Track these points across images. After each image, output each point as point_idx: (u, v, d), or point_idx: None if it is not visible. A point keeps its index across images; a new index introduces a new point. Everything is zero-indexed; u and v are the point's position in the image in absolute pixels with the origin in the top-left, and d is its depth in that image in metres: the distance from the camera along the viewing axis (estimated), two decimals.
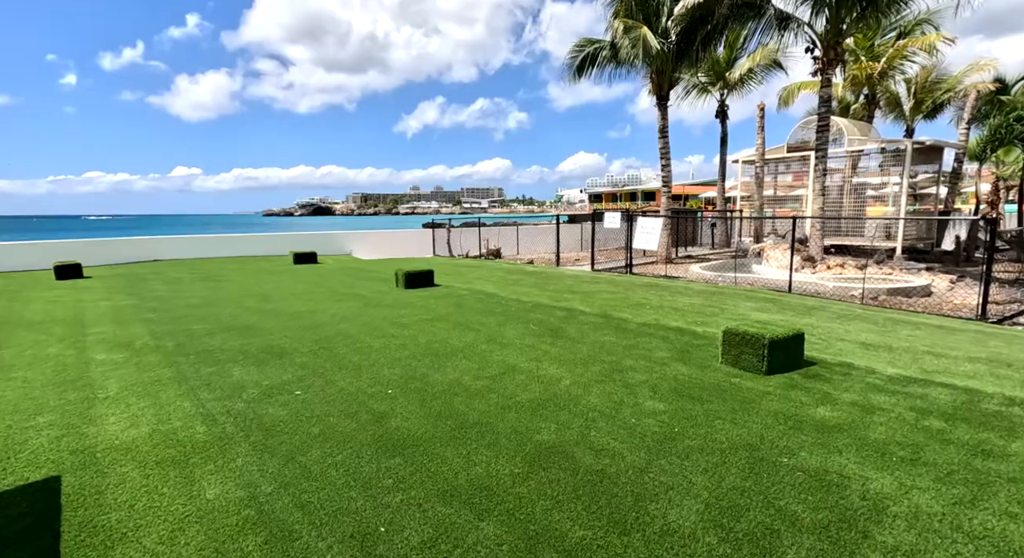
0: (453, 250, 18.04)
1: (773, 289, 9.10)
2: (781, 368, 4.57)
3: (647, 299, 8.33)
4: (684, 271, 11.54)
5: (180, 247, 17.20)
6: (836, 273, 9.92)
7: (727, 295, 8.58)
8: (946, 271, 10.64)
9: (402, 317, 7.22)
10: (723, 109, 17.11)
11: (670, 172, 13.02)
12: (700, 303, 7.89)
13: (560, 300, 8.42)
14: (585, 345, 5.63)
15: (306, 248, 16.77)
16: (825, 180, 10.86)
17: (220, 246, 17.86)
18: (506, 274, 12.20)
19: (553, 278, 11.27)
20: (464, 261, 16.16)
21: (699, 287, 9.57)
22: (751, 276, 10.03)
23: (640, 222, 10.82)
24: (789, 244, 11.02)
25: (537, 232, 21.76)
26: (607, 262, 13.98)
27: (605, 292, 9.14)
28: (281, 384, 4.49)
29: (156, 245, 16.89)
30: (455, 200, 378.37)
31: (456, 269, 13.43)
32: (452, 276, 11.80)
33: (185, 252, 17.12)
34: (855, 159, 15.15)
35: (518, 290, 9.55)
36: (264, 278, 11.83)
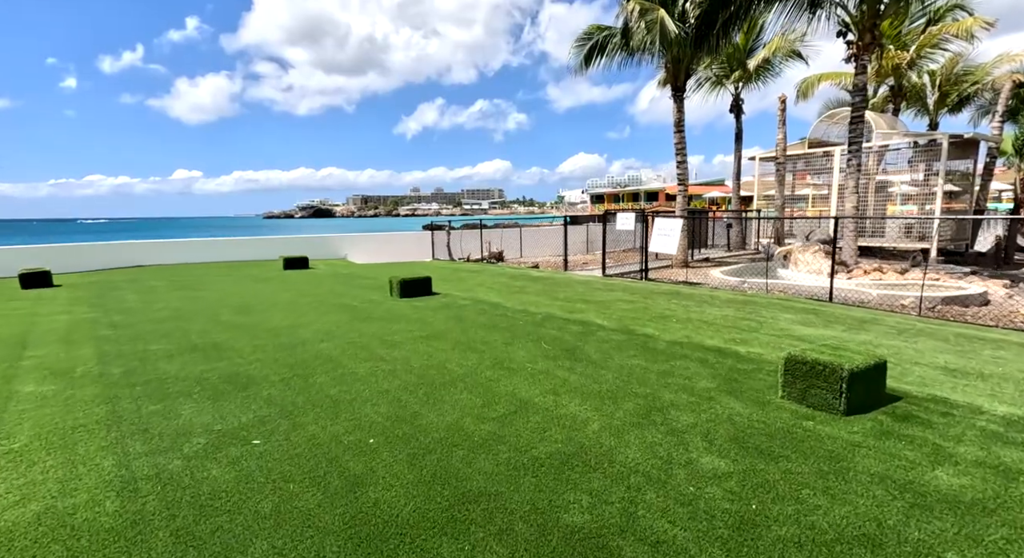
0: (453, 253, 17.14)
1: (810, 297, 8.18)
2: (861, 406, 3.66)
3: (671, 310, 7.41)
4: (704, 276, 10.62)
5: (166, 252, 16.31)
6: (875, 279, 9.00)
7: (760, 305, 7.66)
8: (992, 276, 9.72)
9: (394, 334, 6.31)
10: (737, 103, 16.20)
11: (686, 170, 12.11)
12: (733, 315, 6.97)
13: (573, 311, 7.51)
14: (610, 371, 4.71)
15: (298, 252, 15.88)
16: (859, 177, 9.95)
17: (209, 251, 16.97)
18: (510, 280, 11.29)
19: (562, 285, 10.36)
20: (465, 265, 15.25)
21: (726, 295, 8.65)
22: (781, 282, 9.11)
23: (657, 223, 9.91)
24: (820, 247, 10.10)
25: (541, 234, 20.85)
26: (617, 266, 13.07)
27: (622, 302, 8.23)
28: (237, 429, 3.58)
29: (141, 250, 16.00)
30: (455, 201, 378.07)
31: (456, 274, 12.52)
32: (452, 283, 10.89)
33: (171, 257, 16.23)
34: (880, 154, 14.24)
35: (525, 299, 8.64)
36: (249, 286, 10.92)
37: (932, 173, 12.42)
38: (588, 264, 14.87)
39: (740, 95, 16.24)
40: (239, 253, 17.31)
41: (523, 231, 19.81)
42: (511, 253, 18.77)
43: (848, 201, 9.94)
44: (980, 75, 16.33)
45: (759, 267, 11.38)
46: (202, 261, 16.47)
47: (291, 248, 17.45)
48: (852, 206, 9.91)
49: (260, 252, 17.32)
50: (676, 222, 9.63)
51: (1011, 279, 9.07)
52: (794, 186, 16.15)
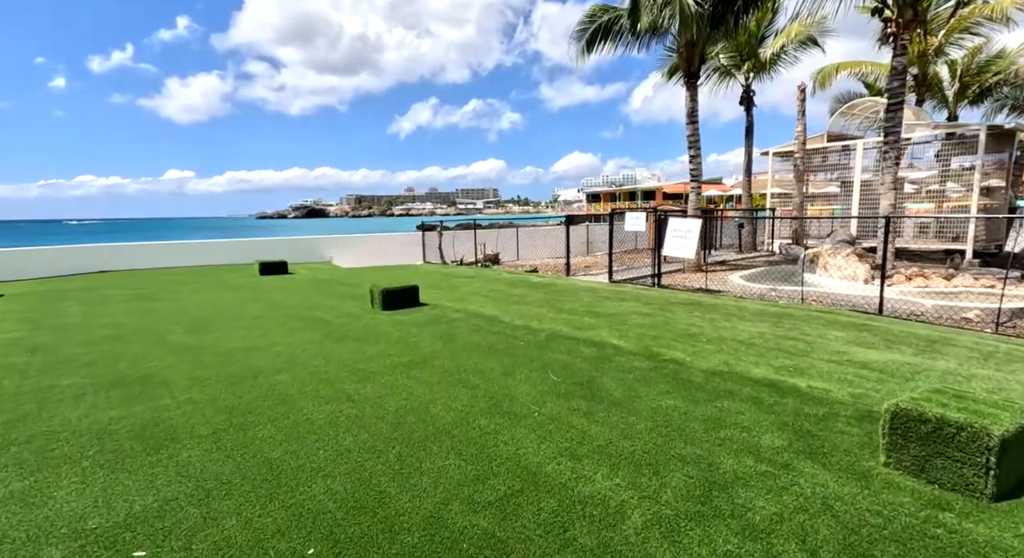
0: (446, 256, 16.03)
1: (852, 308, 7.14)
2: (1018, 486, 2.60)
3: (697, 326, 6.34)
4: (723, 282, 9.57)
5: (136, 256, 15.10)
6: (919, 286, 7.98)
7: (798, 318, 6.62)
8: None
9: (369, 360, 5.21)
10: (748, 95, 15.18)
11: (700, 165, 11.06)
12: (771, 333, 5.91)
13: (582, 327, 6.43)
14: (641, 418, 3.64)
15: (280, 256, 14.73)
16: (897, 171, 8.94)
17: (183, 254, 15.76)
18: (508, 287, 10.20)
19: (566, 293, 9.28)
20: (457, 270, 14.14)
21: (755, 306, 7.60)
22: (813, 290, 8.07)
23: (672, 224, 8.85)
24: (852, 249, 9.08)
25: (538, 235, 19.77)
26: (624, 270, 12.01)
27: (637, 315, 7.16)
28: (120, 527, 2.48)
29: (108, 254, 14.78)
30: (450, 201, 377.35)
31: (448, 280, 11.42)
32: (443, 291, 9.79)
33: (141, 261, 15.03)
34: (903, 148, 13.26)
35: (525, 311, 7.56)
36: (216, 295, 9.77)
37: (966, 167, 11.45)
38: (591, 268, 13.80)
39: (751, 86, 15.23)
40: (216, 257, 16.13)
41: (519, 232, 18.72)
42: (507, 255, 17.68)
43: (885, 199, 8.93)
44: (1003, 65, 15.41)
45: (781, 272, 10.36)
46: (175, 266, 15.27)
47: (274, 251, 16.28)
48: (889, 204, 8.90)
49: (240, 255, 16.13)
50: (693, 222, 8.58)
51: None
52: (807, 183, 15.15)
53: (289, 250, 16.94)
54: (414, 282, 11.12)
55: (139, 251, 15.25)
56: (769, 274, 10.02)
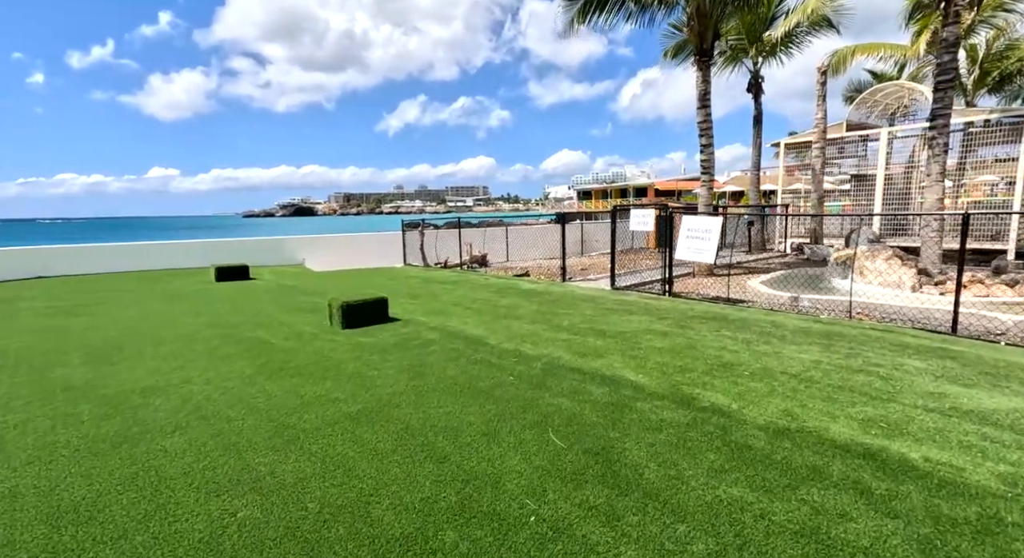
0: (428, 258, 14.64)
1: (914, 325, 5.92)
2: None
3: (730, 351, 5.06)
4: (742, 290, 8.33)
5: (79, 260, 13.53)
6: (980, 294, 6.79)
7: (853, 339, 5.36)
8: None
9: (306, 409, 3.85)
10: (757, 81, 13.95)
11: (713, 156, 9.81)
12: (827, 361, 4.64)
13: (587, 352, 5.13)
14: (695, 526, 2.34)
15: (246, 259, 13.26)
16: (946, 160, 7.75)
17: (136, 257, 14.21)
18: (496, 295, 8.87)
19: (563, 303, 7.96)
20: (440, 273, 12.78)
21: (791, 321, 6.34)
22: (856, 301, 6.84)
23: (687, 223, 7.56)
24: (892, 251, 7.87)
25: (529, 234, 18.47)
26: (625, 274, 10.75)
27: (652, 333, 5.86)
28: None
29: (48, 257, 13.21)
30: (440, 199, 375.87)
31: (428, 287, 10.05)
32: (420, 301, 8.43)
33: (84, 265, 13.46)
34: None
35: (516, 329, 6.24)
36: (151, 308, 8.33)
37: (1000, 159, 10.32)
38: (589, 271, 12.52)
39: (759, 72, 14.01)
40: (175, 260, 14.59)
41: (509, 231, 17.39)
42: (496, 256, 16.36)
43: (932, 192, 7.73)
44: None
45: (805, 276, 9.14)
46: (126, 270, 13.73)
47: (241, 253, 14.80)
48: (937, 198, 7.71)
49: (203, 258, 14.59)
50: (712, 221, 7.29)
51: None
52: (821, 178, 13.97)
53: (258, 252, 15.46)
54: (390, 288, 9.79)
55: (83, 254, 13.66)
56: (792, 279, 8.79)
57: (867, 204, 12.37)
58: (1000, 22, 12.76)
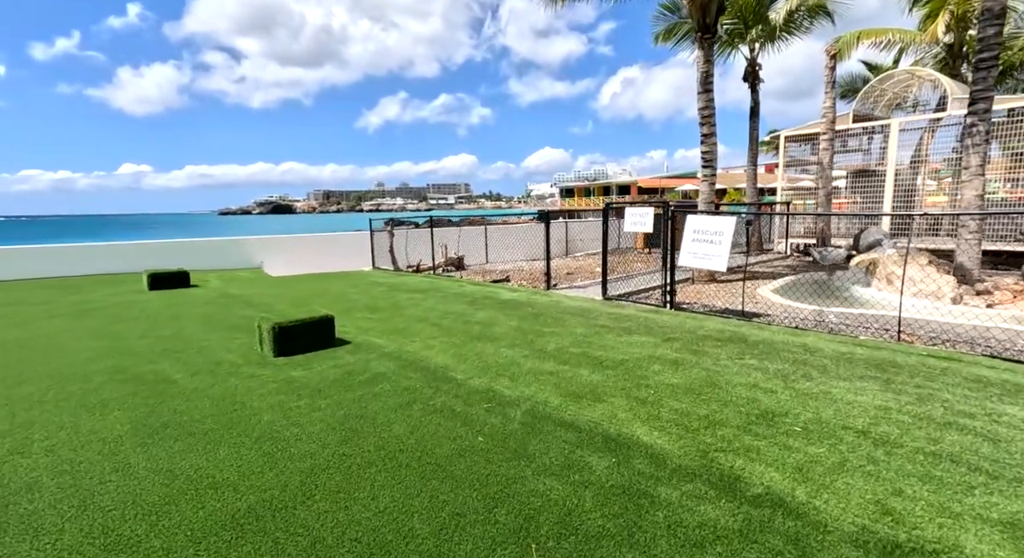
0: (398, 261, 13.31)
1: (968, 345, 4.89)
2: None
3: (766, 391, 3.92)
4: (749, 298, 7.24)
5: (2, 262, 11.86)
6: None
7: (916, 372, 4.28)
8: None
9: (168, 507, 2.58)
10: (754, 69, 12.95)
11: (715, 146, 8.69)
12: (897, 408, 3.53)
13: (581, 393, 3.94)
14: None
15: (192, 262, 11.79)
16: (987, 151, 6.75)
17: (62, 261, 12.58)
18: (470, 307, 7.64)
19: (548, 319, 6.77)
20: (410, 279, 11.48)
21: (826, 344, 5.25)
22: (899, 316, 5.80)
23: (693, 224, 6.42)
24: (928, 257, 6.86)
25: (510, 233, 17.23)
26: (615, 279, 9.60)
27: (659, 362, 4.71)
28: None
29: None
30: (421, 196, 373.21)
31: (392, 297, 8.77)
32: (380, 316, 7.15)
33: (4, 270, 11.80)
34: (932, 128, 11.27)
35: (491, 355, 5.03)
36: (46, 326, 6.88)
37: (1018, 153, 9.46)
38: (575, 276, 11.37)
39: (757, 59, 13.02)
40: (111, 264, 12.99)
41: (489, 230, 16.13)
42: (474, 257, 15.11)
43: (970, 188, 6.75)
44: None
45: (818, 282, 8.11)
46: (50, 275, 12.11)
47: (191, 255, 13.29)
48: (976, 194, 6.74)
49: (143, 261, 13.00)
50: (724, 222, 6.16)
51: None
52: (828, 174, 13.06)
53: (210, 254, 13.95)
54: (349, 298, 8.47)
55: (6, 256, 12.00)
56: (805, 287, 7.75)
57: (874, 202, 11.48)
58: (1020, 5, 11.95)
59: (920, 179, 11.90)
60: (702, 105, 8.58)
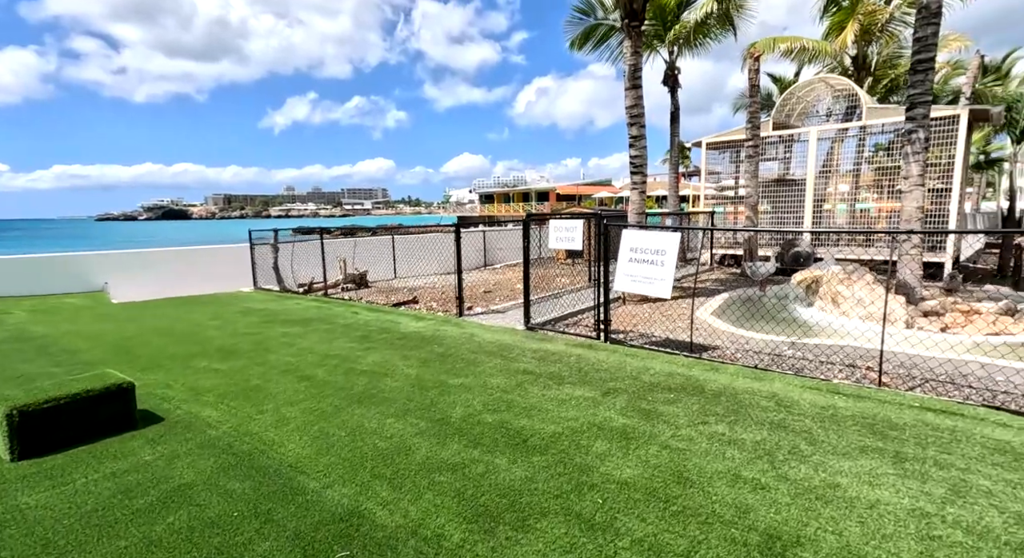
0: (285, 279, 11.22)
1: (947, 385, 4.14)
2: None
3: (757, 492, 2.78)
4: (683, 322, 6.26)
5: None
6: (990, 331, 5.33)
7: (923, 441, 3.38)
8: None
9: None
10: (673, 73, 12.50)
11: (645, 149, 7.76)
12: (938, 514, 2.53)
13: (499, 516, 2.57)
14: None
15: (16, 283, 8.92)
16: (925, 159, 6.34)
17: None
18: (360, 348, 6.01)
19: (458, 362, 5.34)
20: (296, 304, 9.53)
21: (802, 395, 4.30)
22: (855, 347, 5.03)
23: (630, 240, 5.30)
24: (870, 275, 6.30)
25: (422, 244, 15.58)
26: (538, 300, 8.41)
27: (604, 438, 3.46)
28: None
29: None
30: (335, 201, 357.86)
31: (263, 333, 6.88)
32: (231, 364, 5.30)
33: None
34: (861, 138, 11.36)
35: (371, 437, 3.50)
36: None
37: None
38: (494, 295, 10.03)
39: (675, 63, 12.57)
40: None
41: (398, 240, 14.37)
42: (380, 271, 13.30)
43: (910, 199, 6.30)
44: None
45: (752, 299, 7.43)
46: None
47: (8, 276, 10.24)
48: (916, 206, 6.31)
49: None
50: (667, 239, 5.11)
51: None
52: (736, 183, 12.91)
53: (30, 275, 10.95)
54: (199, 337, 6.47)
55: None
56: (743, 307, 7.00)
57: (792, 211, 11.34)
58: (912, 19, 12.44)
59: (832, 188, 12.01)
60: (631, 103, 7.64)
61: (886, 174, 10.84)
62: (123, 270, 11.88)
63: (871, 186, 11.90)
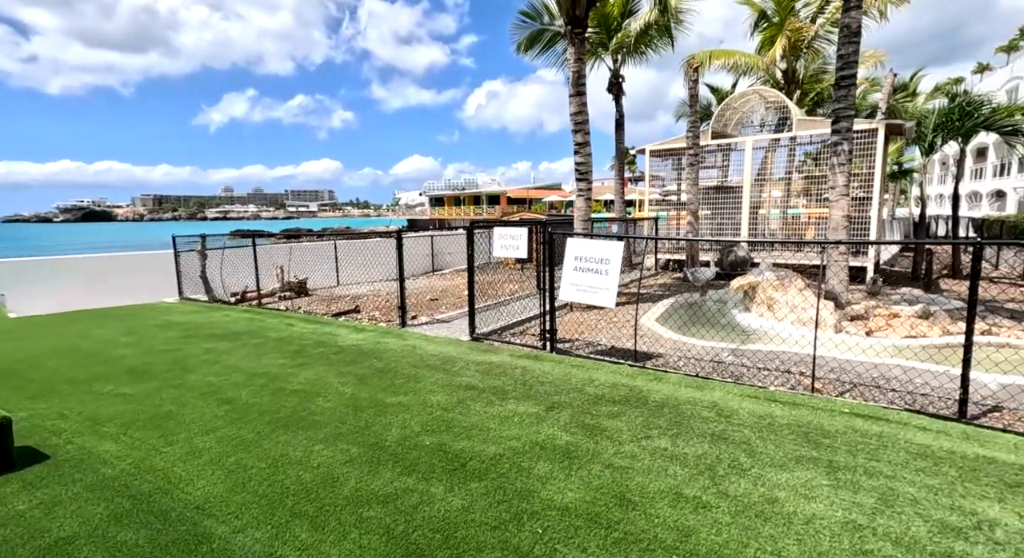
0: (215, 289, 10.46)
1: (876, 389, 4.31)
2: None
3: (699, 512, 2.72)
4: (629, 329, 6.28)
5: None
6: (909, 334, 5.64)
7: (853, 447, 3.46)
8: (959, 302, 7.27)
9: None
10: (617, 81, 12.72)
11: (590, 156, 7.76)
12: (868, 525, 2.55)
13: (430, 554, 2.35)
14: None
15: None
16: (850, 169, 6.68)
17: None
18: (293, 364, 5.61)
19: (398, 377, 5.08)
20: (225, 316, 8.89)
21: (741, 405, 4.34)
22: (788, 352, 5.18)
23: (574, 249, 5.23)
24: (803, 280, 6.56)
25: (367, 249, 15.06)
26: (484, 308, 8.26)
27: (547, 458, 3.33)
28: None
29: None
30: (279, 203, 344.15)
31: (181, 349, 6.30)
32: (141, 387, 4.78)
33: None
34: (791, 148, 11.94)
35: (294, 467, 3.20)
36: None
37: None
38: (440, 302, 9.77)
39: (620, 71, 12.79)
40: None
41: (340, 245, 13.79)
42: (321, 278, 12.72)
43: (837, 208, 6.62)
44: None
45: (695, 305, 7.60)
46: None
47: None
48: (843, 215, 6.64)
49: None
50: (611, 248, 5.07)
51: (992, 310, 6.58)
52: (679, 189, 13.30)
53: None
54: (115, 352, 5.88)
55: None
56: (686, 313, 7.13)
57: (730, 218, 11.78)
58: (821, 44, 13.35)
59: (767, 196, 12.59)
60: (575, 110, 7.64)
61: (814, 181, 11.49)
62: (23, 280, 10.68)
63: (801, 192, 12.58)
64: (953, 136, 10.56)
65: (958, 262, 11.46)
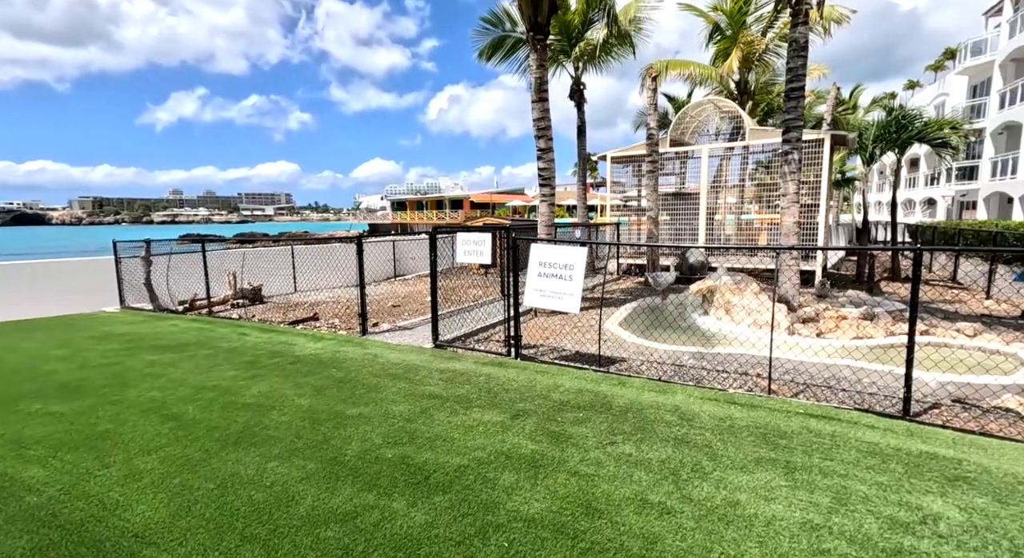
0: (160, 297, 9.89)
1: (826, 389, 4.49)
2: None
3: (663, 518, 2.73)
4: (593, 334, 6.34)
5: None
6: (857, 336, 5.91)
7: (808, 448, 3.57)
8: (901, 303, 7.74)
9: None
10: (579, 88, 12.91)
11: (553, 162, 7.82)
12: (826, 524, 2.63)
13: None
14: None
15: None
16: (800, 177, 6.99)
17: None
18: (244, 378, 5.34)
19: (359, 391, 4.91)
20: (172, 325, 8.41)
21: (702, 408, 4.42)
22: (745, 354, 5.33)
23: (539, 254, 5.22)
24: (756, 284, 6.78)
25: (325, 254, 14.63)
26: (448, 314, 8.16)
27: (511, 468, 3.28)
28: None
29: None
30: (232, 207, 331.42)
31: (122, 363, 5.90)
32: (75, 404, 4.44)
33: None
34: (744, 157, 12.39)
35: (245, 487, 3.03)
36: None
37: None
38: (402, 309, 9.57)
39: (581, 78, 12.99)
40: None
41: (298, 250, 13.33)
42: (278, 284, 12.24)
43: (788, 215, 6.90)
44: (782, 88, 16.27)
45: (656, 308, 7.75)
46: None
47: None
48: (795, 221, 6.92)
49: None
50: (574, 254, 5.10)
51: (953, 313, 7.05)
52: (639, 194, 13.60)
53: None
54: (46, 366, 5.45)
55: None
56: (648, 317, 7.25)
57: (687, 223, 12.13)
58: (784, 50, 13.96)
59: (722, 202, 13.03)
60: (538, 115, 7.67)
61: (766, 188, 11.99)
62: None
63: (754, 199, 13.08)
64: (891, 147, 11.25)
65: (897, 265, 12.20)
